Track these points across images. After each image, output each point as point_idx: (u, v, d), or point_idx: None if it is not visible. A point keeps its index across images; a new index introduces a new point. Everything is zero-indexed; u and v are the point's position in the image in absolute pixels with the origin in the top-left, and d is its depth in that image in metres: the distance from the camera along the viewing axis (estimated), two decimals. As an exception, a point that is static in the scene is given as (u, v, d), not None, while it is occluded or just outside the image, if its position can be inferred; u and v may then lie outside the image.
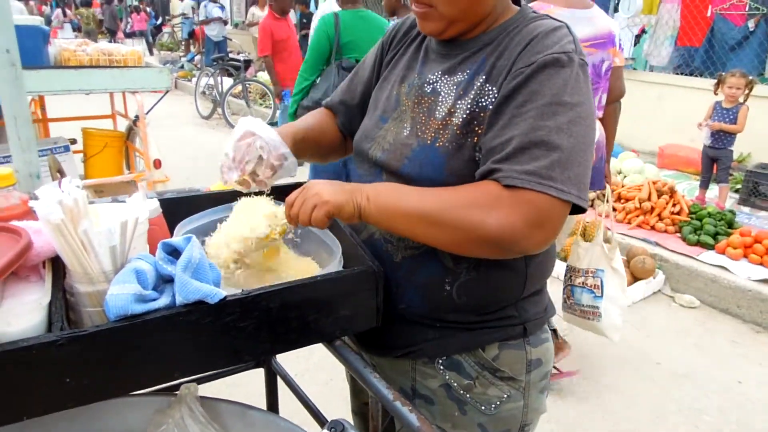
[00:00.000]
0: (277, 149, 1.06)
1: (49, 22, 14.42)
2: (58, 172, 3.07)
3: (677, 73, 6.71)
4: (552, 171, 0.84)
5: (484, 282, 1.01)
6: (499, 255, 0.94)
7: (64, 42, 3.81)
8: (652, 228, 4.22)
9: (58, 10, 18.07)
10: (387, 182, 1.02)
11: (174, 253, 0.87)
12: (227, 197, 1.21)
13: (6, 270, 0.74)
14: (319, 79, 3.43)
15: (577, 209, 0.89)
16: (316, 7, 12.76)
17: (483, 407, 1.06)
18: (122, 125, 4.57)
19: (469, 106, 0.96)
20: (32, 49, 3.06)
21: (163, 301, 0.82)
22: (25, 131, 1.11)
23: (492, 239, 0.87)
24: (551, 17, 0.99)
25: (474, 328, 1.05)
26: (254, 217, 1.02)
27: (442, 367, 1.07)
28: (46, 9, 20.04)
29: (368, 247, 1.07)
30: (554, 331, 1.12)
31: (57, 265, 0.86)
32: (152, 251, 0.89)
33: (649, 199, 4.39)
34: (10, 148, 1.13)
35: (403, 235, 0.97)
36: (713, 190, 4.86)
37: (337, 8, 3.40)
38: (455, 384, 1.06)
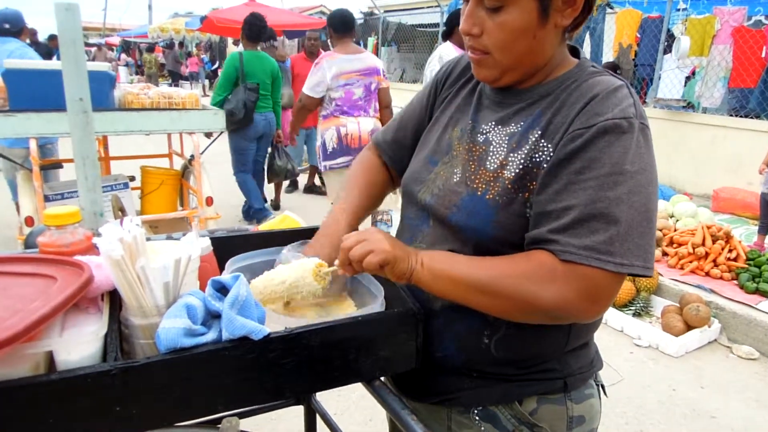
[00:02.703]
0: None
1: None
2: (120, 211, 3.23)
3: (732, 115, 6.54)
4: (611, 246, 0.84)
5: (525, 337, 0.99)
6: (550, 323, 0.95)
7: (128, 86, 4.05)
8: (707, 274, 4.06)
9: (123, 55, 19.31)
10: (441, 251, 1.01)
11: (222, 290, 0.91)
12: (274, 237, 1.26)
13: (69, 302, 0.78)
14: (231, 95, 4.84)
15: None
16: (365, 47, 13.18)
17: None
18: (178, 164, 4.78)
19: (522, 160, 0.94)
20: (100, 93, 3.27)
21: (211, 336, 0.86)
22: (92, 172, 1.20)
23: (545, 311, 0.88)
24: (610, 73, 0.97)
25: (511, 380, 1.02)
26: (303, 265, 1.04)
27: (477, 418, 1.04)
28: (110, 53, 21.43)
29: (409, 292, 1.06)
30: (602, 386, 1.09)
31: (114, 298, 0.91)
32: (202, 287, 0.93)
33: (703, 244, 4.23)
34: (78, 187, 1.22)
35: (457, 302, 0.97)
36: (772, 236, 4.65)
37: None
38: None
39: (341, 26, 3.93)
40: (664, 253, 4.41)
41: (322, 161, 4.05)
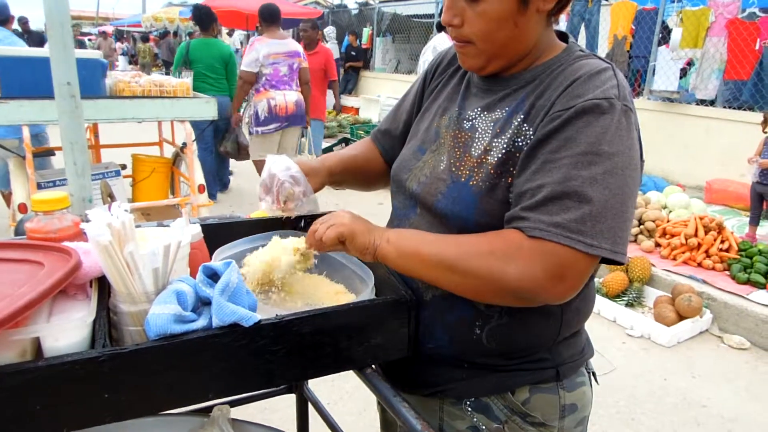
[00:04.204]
0: (300, 186, 1.13)
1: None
2: (109, 197, 3.20)
3: (725, 107, 6.55)
4: (582, 225, 0.82)
5: (516, 327, 0.99)
6: (521, 304, 0.94)
7: (119, 74, 4.00)
8: (699, 265, 4.08)
9: (117, 44, 19.12)
10: (410, 229, 1.03)
11: (214, 276, 0.90)
12: (267, 224, 1.25)
13: (56, 288, 0.77)
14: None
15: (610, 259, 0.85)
16: (360, 41, 13.10)
17: None
18: (168, 152, 4.75)
19: (505, 145, 0.94)
20: (90, 80, 3.23)
21: (201, 322, 0.85)
22: (80, 157, 1.18)
23: (511, 289, 0.86)
24: (597, 56, 0.96)
25: (503, 370, 1.02)
26: (284, 244, 1.07)
27: (470, 409, 1.04)
28: (115, 44, 21.18)
29: (401, 279, 1.06)
30: (593, 373, 1.10)
31: (103, 285, 0.90)
32: (193, 274, 0.92)
33: (695, 235, 4.25)
34: (66, 173, 1.20)
35: (424, 280, 0.97)
36: (764, 227, 4.68)
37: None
38: (483, 427, 1.03)
39: (269, 17, 4.95)
40: (657, 244, 4.43)
41: (254, 126, 4.92)
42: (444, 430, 1.07)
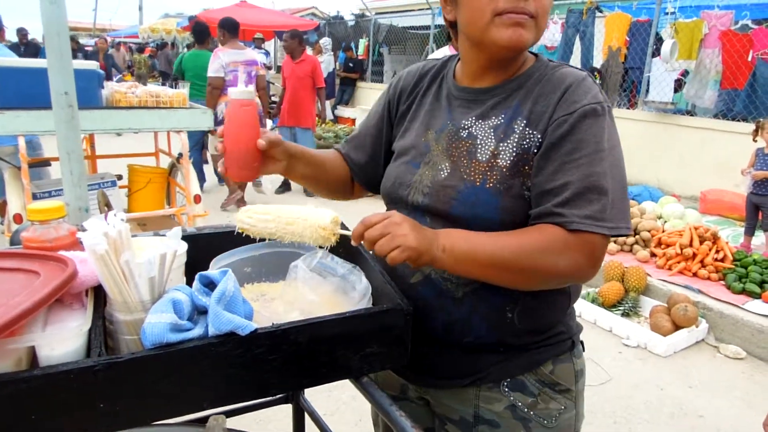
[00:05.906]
0: None
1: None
2: (106, 206, 3.19)
3: (719, 118, 6.60)
4: (604, 213, 0.95)
5: (540, 305, 1.09)
6: (557, 287, 1.08)
7: (115, 85, 4.01)
8: (694, 275, 4.09)
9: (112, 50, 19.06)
10: (455, 229, 1.01)
11: (210, 285, 0.90)
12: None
13: (52, 297, 0.77)
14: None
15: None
16: (355, 53, 13.16)
17: (545, 421, 1.12)
18: (164, 162, 4.75)
19: (514, 148, 1.03)
20: (87, 91, 3.24)
21: (197, 331, 0.85)
22: (77, 167, 1.18)
23: (562, 279, 1.00)
24: (569, 65, 1.08)
25: (533, 348, 1.11)
26: (321, 212, 1.03)
27: (507, 389, 1.12)
28: (128, 55, 21.16)
29: (426, 287, 1.10)
30: (582, 342, 1.24)
31: (99, 294, 0.90)
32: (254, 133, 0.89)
33: (690, 245, 4.27)
34: (63, 182, 1.20)
35: (476, 278, 1.02)
36: (759, 237, 4.71)
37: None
38: (520, 404, 1.11)
39: (231, 29, 5.71)
40: (653, 254, 4.45)
41: (215, 126, 5.42)
42: (480, 416, 1.13)
